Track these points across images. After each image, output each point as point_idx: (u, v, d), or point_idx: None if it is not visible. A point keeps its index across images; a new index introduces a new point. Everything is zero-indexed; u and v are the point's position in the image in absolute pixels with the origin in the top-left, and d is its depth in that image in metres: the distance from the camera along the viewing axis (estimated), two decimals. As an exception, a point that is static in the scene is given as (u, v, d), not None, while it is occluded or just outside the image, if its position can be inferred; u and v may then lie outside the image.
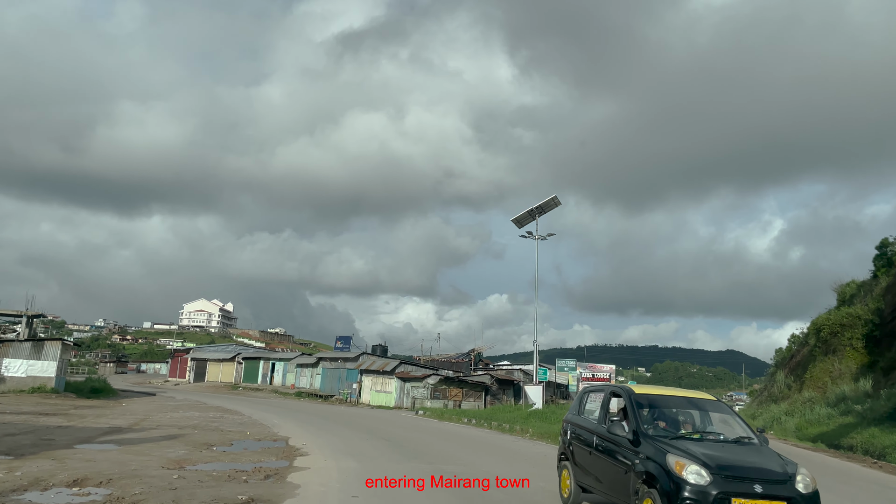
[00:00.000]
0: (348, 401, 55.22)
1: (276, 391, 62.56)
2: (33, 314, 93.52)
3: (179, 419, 27.77)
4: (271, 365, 69.21)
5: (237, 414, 31.69)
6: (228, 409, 35.98)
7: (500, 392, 55.79)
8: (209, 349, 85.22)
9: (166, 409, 35.38)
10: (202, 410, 33.56)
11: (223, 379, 76.66)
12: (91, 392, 51.30)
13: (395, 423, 28.49)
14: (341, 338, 60.53)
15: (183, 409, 35.22)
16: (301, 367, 64.27)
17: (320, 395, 57.63)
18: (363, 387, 54.72)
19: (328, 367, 59.48)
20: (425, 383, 50.11)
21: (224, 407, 37.49)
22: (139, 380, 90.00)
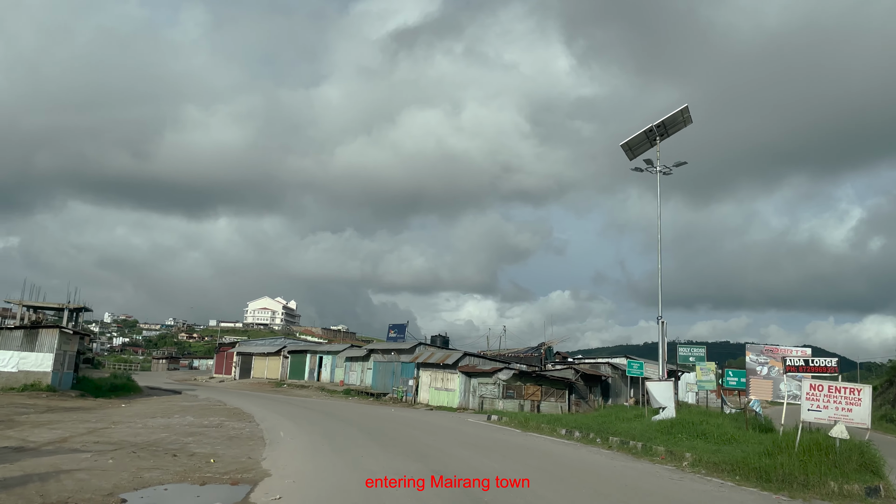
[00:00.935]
0: (403, 400, 46.40)
1: (323, 388, 54.41)
2: (75, 307, 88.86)
3: (157, 428, 19.50)
4: (318, 359, 61.21)
5: (246, 421, 23.20)
6: (245, 412, 27.67)
7: (585, 390, 45.88)
8: (255, 343, 78.15)
9: (169, 411, 27.46)
10: (207, 415, 25.25)
11: (269, 375, 69.28)
12: (109, 390, 44.45)
13: (469, 440, 19.18)
14: (395, 326, 51.80)
15: (188, 412, 27.17)
16: (350, 361, 55.90)
17: (371, 394, 49.04)
18: (420, 383, 45.75)
19: (380, 360, 50.84)
20: (495, 379, 40.70)
21: (241, 410, 29.20)
22: (185, 377, 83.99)
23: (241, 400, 37.99)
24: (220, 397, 40.27)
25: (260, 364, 72.04)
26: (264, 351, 70.79)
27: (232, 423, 22.37)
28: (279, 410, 29.57)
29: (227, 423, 22.32)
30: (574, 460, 15.05)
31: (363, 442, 17.17)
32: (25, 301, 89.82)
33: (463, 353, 43.64)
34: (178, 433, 18.25)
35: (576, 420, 22.37)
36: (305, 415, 27.40)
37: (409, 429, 22.03)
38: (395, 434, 19.96)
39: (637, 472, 13.45)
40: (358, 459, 13.66)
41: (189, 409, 30.05)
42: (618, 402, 50.73)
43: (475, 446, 17.00)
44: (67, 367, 39.51)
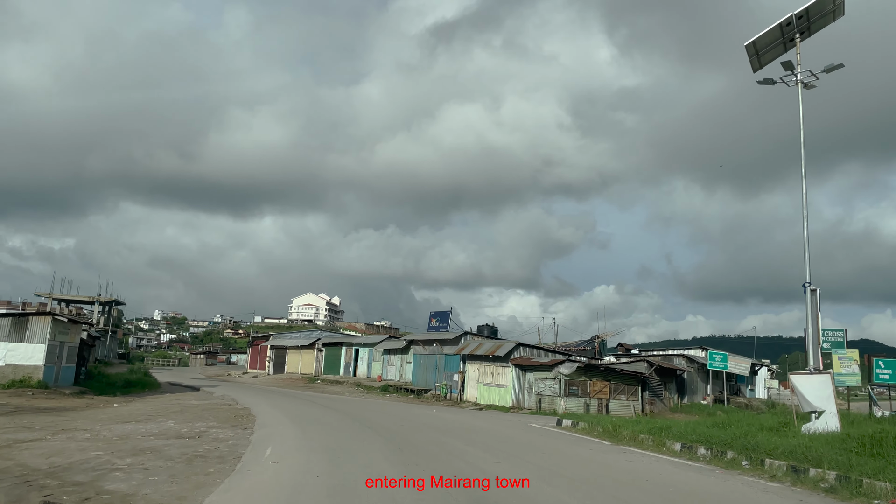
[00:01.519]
0: (447, 397, 40.54)
1: (359, 384, 48.95)
2: (107, 300, 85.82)
3: (104, 441, 14.09)
4: (354, 352, 55.83)
5: (240, 428, 17.73)
6: (250, 415, 22.35)
7: (660, 386, 39.26)
8: (289, 336, 73.39)
9: (156, 414, 22.33)
10: (197, 420, 19.98)
11: (303, 369, 64.31)
12: (122, 386, 39.89)
13: (559, 467, 13.03)
14: (437, 314, 46.01)
15: (179, 415, 21.93)
16: (388, 354, 50.30)
17: (411, 390, 43.30)
18: (467, 378, 39.79)
19: (421, 352, 45.08)
20: (556, 374, 34.44)
21: (248, 412, 23.87)
22: (218, 372, 79.89)
23: (258, 398, 32.68)
24: (239, 395, 35.07)
25: (294, 358, 67.16)
26: (298, 344, 65.84)
27: (219, 431, 16.79)
28: (293, 412, 24.01)
29: (212, 431, 16.75)
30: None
31: (385, 468, 11.27)
32: (56, 294, 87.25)
33: (516, 342, 37.52)
34: (122, 451, 12.68)
35: (683, 429, 16.15)
36: (323, 418, 21.75)
37: (458, 441, 16.08)
38: (439, 452, 14.00)
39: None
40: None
41: (186, 410, 24.74)
42: (694, 400, 43.96)
43: (578, 483, 10.90)
44: (67, 361, 34.82)
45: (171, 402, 30.08)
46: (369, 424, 19.63)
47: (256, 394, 36.44)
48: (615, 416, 34.71)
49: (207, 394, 36.66)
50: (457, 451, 13.93)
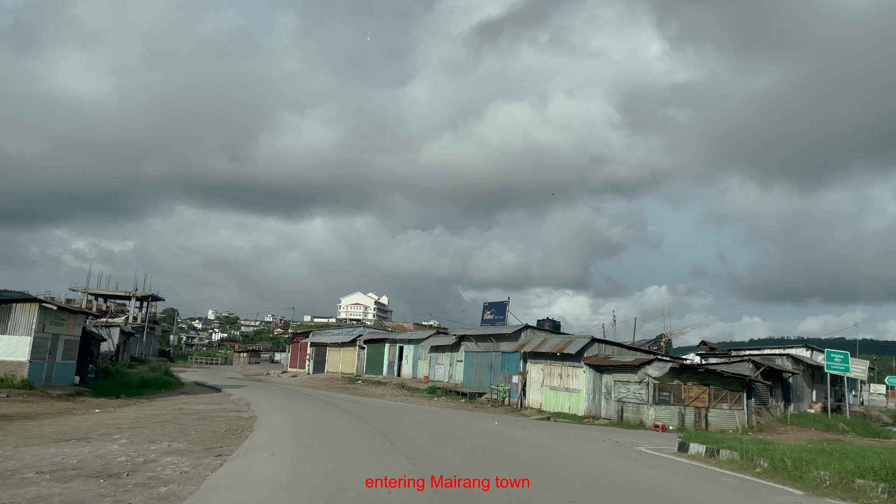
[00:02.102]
0: (505, 402, 34.34)
1: (404, 385, 43.13)
2: (143, 295, 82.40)
3: (11, 471, 8.17)
4: (398, 350, 50.05)
5: (211, 456, 11.81)
6: (252, 428, 16.38)
7: (766, 392, 32.19)
8: (329, 333, 68.25)
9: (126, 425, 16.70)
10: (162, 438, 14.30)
11: (344, 368, 58.96)
12: (137, 386, 35.29)
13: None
14: (491, 305, 39.63)
15: (153, 427, 16.27)
16: (436, 352, 44.33)
17: (463, 393, 37.22)
18: (529, 380, 33.46)
19: (473, 349, 38.93)
20: (642, 375, 27.78)
21: (251, 425, 17.99)
22: (258, 371, 75.44)
23: (277, 403, 27.12)
24: (260, 398, 29.61)
25: (334, 356, 61.90)
26: (338, 341, 60.52)
27: (172, 461, 11.01)
28: (309, 426, 18.21)
29: (162, 461, 10.97)
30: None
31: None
32: (91, 289, 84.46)
33: (590, 337, 30.96)
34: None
35: (874, 460, 9.62)
36: (347, 436, 15.86)
37: (551, 491, 9.84)
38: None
39: None
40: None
41: (175, 419, 19.20)
42: (800, 409, 36.65)
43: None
44: (64, 357, 29.94)
45: (172, 407, 24.74)
46: (409, 448, 13.56)
47: (280, 397, 30.93)
48: (716, 429, 27.92)
49: (225, 396, 31.37)
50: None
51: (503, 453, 13.78)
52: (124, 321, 78.75)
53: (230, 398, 29.61)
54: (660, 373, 27.47)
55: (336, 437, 14.83)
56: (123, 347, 72.58)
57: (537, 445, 15.71)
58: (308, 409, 23.85)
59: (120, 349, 69.30)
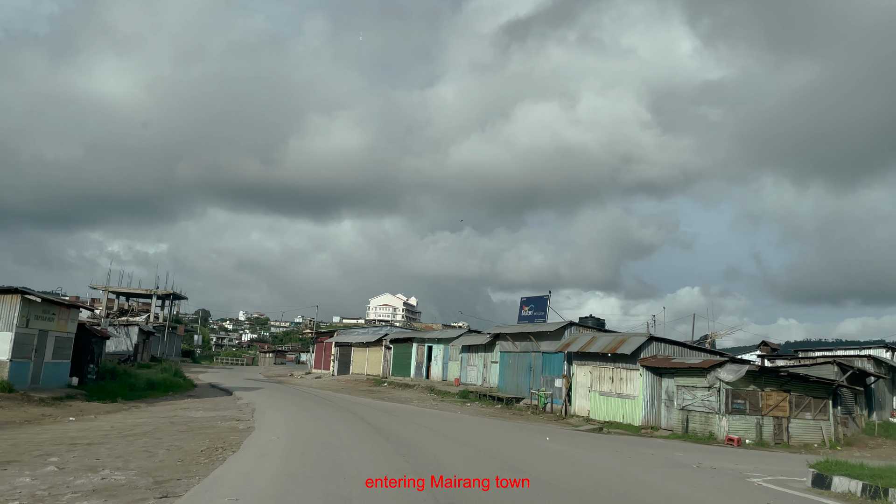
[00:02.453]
0: (547, 409, 30.47)
1: (433, 388, 39.45)
2: (165, 293, 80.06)
3: None
4: (427, 350, 46.37)
5: (158, 495, 8.00)
6: (240, 443, 12.79)
7: (851, 399, 27.80)
8: (355, 332, 64.92)
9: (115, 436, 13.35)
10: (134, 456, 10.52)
11: (369, 370, 55.52)
12: (142, 389, 32.38)
13: None
14: (530, 300, 35.62)
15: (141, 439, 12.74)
16: (468, 353, 40.55)
17: (499, 398, 33.40)
18: (575, 384, 29.48)
19: (510, 349, 35.07)
20: (712, 380, 23.63)
21: (241, 441, 14.43)
22: (281, 372, 72.51)
23: (287, 410, 23.61)
24: (270, 404, 26.19)
25: (359, 357, 58.49)
26: (363, 340, 57.08)
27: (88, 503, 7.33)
28: (311, 441, 14.61)
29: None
30: None
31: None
32: (112, 287, 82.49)
33: (648, 336, 26.87)
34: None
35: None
36: (357, 459, 12.13)
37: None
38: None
39: None
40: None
41: (155, 431, 15.78)
42: (882, 417, 32.14)
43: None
44: (56, 355, 26.85)
45: (166, 413, 21.40)
46: (445, 489, 9.79)
47: (293, 403, 27.46)
48: (799, 443, 23.71)
49: (232, 401, 28.04)
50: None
51: (584, 495, 9.96)
52: (145, 320, 76.51)
53: (236, 403, 26.24)
54: (734, 377, 23.31)
55: (343, 465, 11.15)
56: (143, 347, 70.19)
57: (620, 479, 11.79)
58: (319, 419, 20.27)
59: (139, 349, 66.84)
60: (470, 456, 13.48)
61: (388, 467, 11.03)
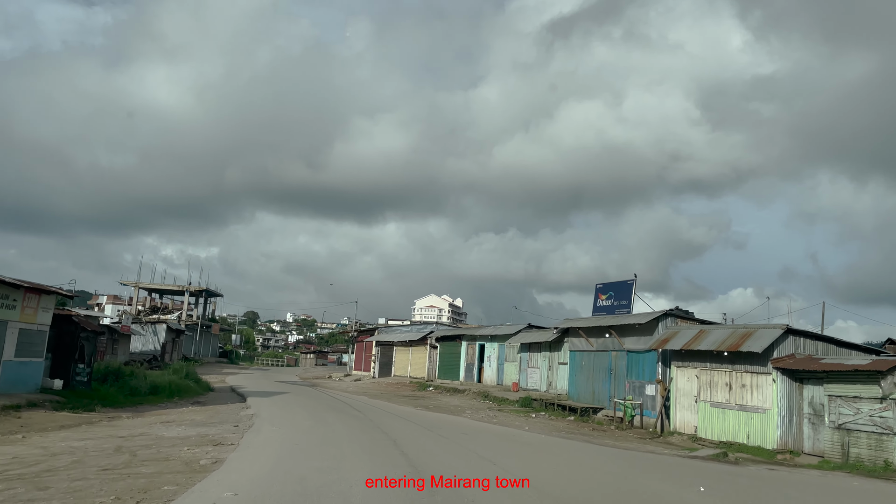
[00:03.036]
0: (635, 423, 23.83)
1: (486, 394, 33.15)
2: (198, 289, 75.69)
3: None
4: (478, 349, 40.05)
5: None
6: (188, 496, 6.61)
7: None
8: (397, 330, 59.04)
9: (57, 461, 6.98)
10: None
11: (413, 372, 49.56)
12: (144, 393, 27.53)
13: None
14: (607, 287, 28.60)
15: None
16: (529, 352, 34.08)
17: (572, 408, 26.89)
18: (676, 391, 22.73)
19: (583, 347, 28.48)
20: (890, 388, 16.68)
21: (205, 487, 8.21)
22: (319, 373, 67.24)
23: (302, 425, 17.61)
24: (280, 416, 20.34)
25: (402, 357, 52.58)
26: (406, 339, 51.13)
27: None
28: (294, 493, 8.38)
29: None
30: None
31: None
32: (143, 283, 78.61)
33: (784, 327, 19.93)
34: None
35: None
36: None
37: None
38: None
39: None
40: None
41: (85, 461, 9.90)
42: None
43: None
44: (19, 353, 21.49)
45: (132, 431, 15.72)
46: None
47: (311, 415, 21.48)
48: None
49: (238, 410, 22.30)
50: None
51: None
52: (177, 318, 72.33)
53: (239, 414, 20.43)
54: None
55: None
56: (172, 346, 65.74)
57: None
58: (333, 443, 14.18)
59: (166, 348, 62.34)
60: None
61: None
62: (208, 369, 60.44)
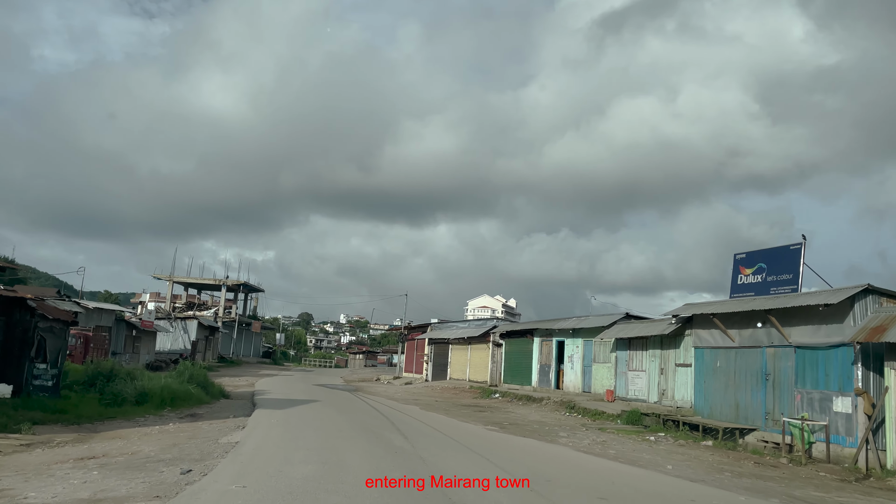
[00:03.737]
0: (815, 455, 15.63)
1: (573, 405, 25.33)
2: (236, 283, 69.86)
3: None
4: (555, 347, 32.21)
5: None
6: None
7: None
8: (453, 326, 51.60)
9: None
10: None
11: (472, 374, 42.05)
12: (132, 401, 20.91)
13: None
14: (755, 255, 20.10)
15: None
16: (629, 349, 26.04)
17: (706, 428, 18.85)
18: (892, 408, 14.45)
19: (717, 343, 20.39)
20: None
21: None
22: (366, 375, 60.54)
23: (297, 465, 10.14)
24: (277, 443, 13.03)
25: (459, 357, 45.12)
26: (464, 335, 43.64)
27: None
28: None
29: None
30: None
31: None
32: (178, 277, 73.32)
33: None
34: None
35: None
36: None
37: None
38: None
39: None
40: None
41: None
42: None
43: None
44: None
45: (16, 478, 8.50)
46: None
47: (325, 442, 14.01)
48: None
49: (227, 428, 15.11)
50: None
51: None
52: (213, 314, 66.74)
53: (218, 441, 13.20)
54: None
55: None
56: (206, 345, 59.87)
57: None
58: None
59: (197, 347, 56.39)
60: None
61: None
62: (243, 370, 54.31)
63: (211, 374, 45.58)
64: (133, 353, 44.74)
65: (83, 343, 30.68)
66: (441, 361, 48.07)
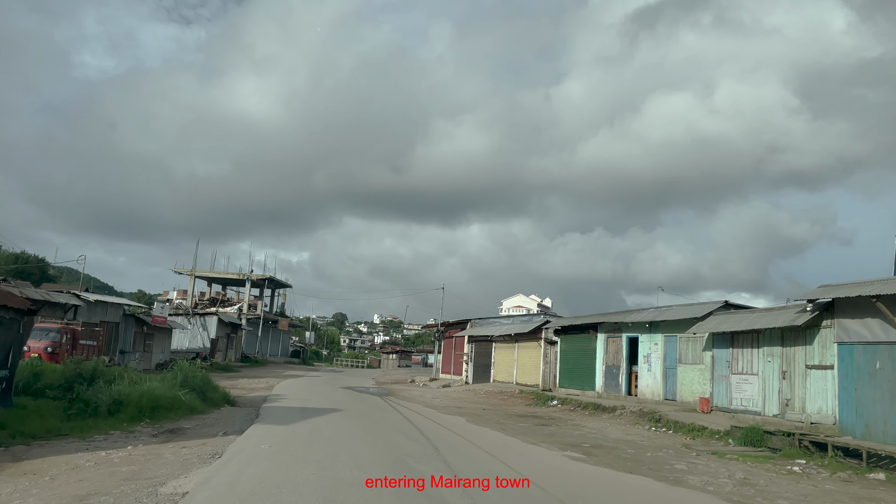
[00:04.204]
0: None
1: (657, 416, 19.96)
2: (260, 278, 65.52)
3: None
4: (626, 344, 26.81)
5: None
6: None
7: None
8: (496, 322, 46.46)
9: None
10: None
11: (521, 377, 36.84)
12: (105, 412, 16.06)
13: None
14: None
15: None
16: (733, 347, 20.50)
17: (867, 454, 13.34)
18: None
19: (880, 338, 14.95)
20: None
21: None
22: (400, 377, 55.70)
23: None
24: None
25: (504, 357, 39.93)
26: (510, 332, 38.43)
27: None
28: None
29: None
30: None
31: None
32: (200, 271, 69.48)
33: None
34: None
35: None
36: None
37: None
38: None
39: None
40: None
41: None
42: None
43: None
44: None
45: None
46: None
47: (356, 468, 8.99)
48: None
49: (198, 458, 10.14)
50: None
51: None
52: (237, 310, 62.63)
53: (160, 489, 8.25)
54: None
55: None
56: (227, 343, 55.63)
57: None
58: None
59: (217, 345, 52.12)
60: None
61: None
62: (267, 371, 49.92)
63: (229, 375, 41.29)
64: (145, 351, 40.56)
65: (70, 339, 26.27)
66: (483, 362, 42.96)
